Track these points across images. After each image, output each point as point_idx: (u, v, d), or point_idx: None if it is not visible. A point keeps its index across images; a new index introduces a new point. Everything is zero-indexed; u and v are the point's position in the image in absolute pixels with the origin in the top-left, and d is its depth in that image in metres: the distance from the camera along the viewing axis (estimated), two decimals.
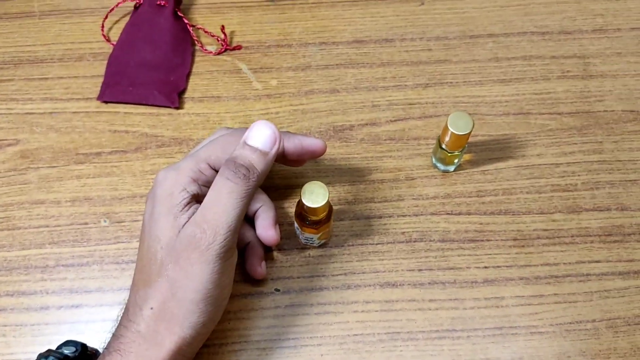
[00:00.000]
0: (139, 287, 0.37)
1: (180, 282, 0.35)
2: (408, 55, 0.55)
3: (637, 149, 0.50)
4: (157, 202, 0.38)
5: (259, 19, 0.57)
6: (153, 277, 0.36)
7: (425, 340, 0.43)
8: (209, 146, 0.40)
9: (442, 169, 0.48)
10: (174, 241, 0.36)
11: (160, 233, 0.36)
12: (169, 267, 0.36)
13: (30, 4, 0.58)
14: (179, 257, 0.35)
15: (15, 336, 0.43)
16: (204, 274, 0.35)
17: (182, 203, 0.37)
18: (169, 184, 0.38)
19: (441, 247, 0.46)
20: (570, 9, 0.57)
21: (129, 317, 0.36)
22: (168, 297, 0.36)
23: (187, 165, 0.39)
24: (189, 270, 0.35)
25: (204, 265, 0.35)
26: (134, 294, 0.37)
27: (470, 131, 0.43)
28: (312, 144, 0.41)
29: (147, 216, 0.38)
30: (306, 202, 0.39)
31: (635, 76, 0.53)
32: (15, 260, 0.46)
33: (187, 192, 0.38)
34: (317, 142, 0.42)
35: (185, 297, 0.35)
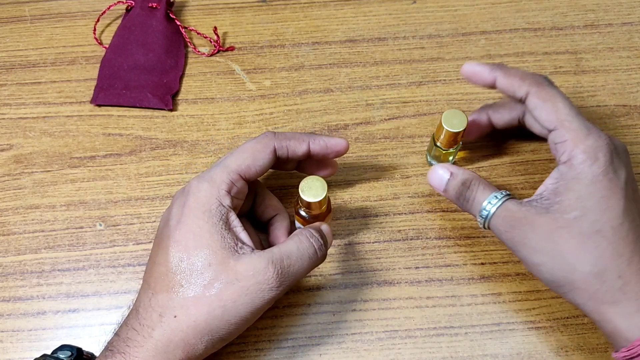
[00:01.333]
0: (158, 292, 0.36)
1: (228, 305, 0.35)
2: (401, 54, 0.55)
3: (631, 143, 0.50)
4: (192, 214, 0.37)
5: (251, 19, 0.57)
6: (188, 288, 0.36)
7: (423, 337, 0.43)
8: (239, 155, 0.39)
9: None
10: (228, 260, 0.36)
11: (208, 250, 0.36)
12: (219, 286, 0.35)
13: (22, 9, 0.57)
14: (235, 281, 0.35)
15: (12, 342, 0.43)
16: (254, 306, 0.36)
17: (224, 219, 0.37)
18: (204, 197, 0.37)
19: (437, 244, 0.46)
20: (562, 5, 0.57)
21: (141, 321, 0.36)
22: (202, 312, 0.35)
23: (219, 177, 0.38)
24: (242, 299, 0.36)
25: (259, 301, 0.36)
26: (148, 298, 0.36)
27: (464, 129, 0.43)
28: (337, 143, 0.42)
29: (175, 224, 0.37)
30: (305, 197, 0.39)
31: (628, 71, 0.53)
32: (11, 266, 0.46)
33: (223, 206, 0.38)
34: (341, 142, 0.43)
35: (224, 319, 0.36)
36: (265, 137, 0.41)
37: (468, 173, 0.41)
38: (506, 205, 0.38)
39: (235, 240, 0.37)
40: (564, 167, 0.37)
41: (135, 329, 0.36)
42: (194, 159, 0.50)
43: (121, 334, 0.36)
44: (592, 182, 0.36)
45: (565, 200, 0.36)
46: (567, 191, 0.36)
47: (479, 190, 0.40)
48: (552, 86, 0.39)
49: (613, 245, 0.35)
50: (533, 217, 0.37)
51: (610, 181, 0.36)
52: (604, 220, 0.35)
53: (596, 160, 0.36)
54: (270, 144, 0.40)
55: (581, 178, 0.36)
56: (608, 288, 0.35)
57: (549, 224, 0.36)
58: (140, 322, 0.36)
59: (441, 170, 0.42)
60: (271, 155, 0.40)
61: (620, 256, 0.35)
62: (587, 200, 0.36)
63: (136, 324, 0.36)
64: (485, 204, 0.39)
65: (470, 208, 0.41)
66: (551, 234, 0.36)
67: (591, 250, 0.35)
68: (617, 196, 0.36)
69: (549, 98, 0.38)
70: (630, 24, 0.56)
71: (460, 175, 0.41)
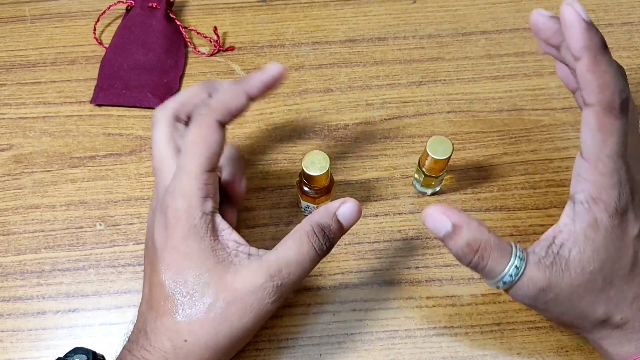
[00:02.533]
0: (161, 315, 0.35)
1: (235, 324, 0.35)
2: (401, 54, 0.55)
3: None
4: (178, 234, 0.35)
5: (251, 19, 0.57)
6: (191, 311, 0.35)
7: (423, 337, 0.43)
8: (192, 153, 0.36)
9: (430, 192, 0.48)
10: (225, 276, 0.35)
11: (202, 269, 0.35)
12: (222, 306, 0.35)
13: (22, 8, 0.57)
14: (236, 300, 0.35)
15: (12, 342, 0.43)
16: (259, 318, 0.36)
17: (210, 229, 0.36)
18: (184, 214, 0.35)
19: (438, 244, 0.46)
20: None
21: (153, 344, 0.35)
22: (211, 334, 0.35)
23: (189, 187, 0.36)
24: (247, 316, 0.35)
25: (263, 313, 0.35)
26: (153, 319, 0.36)
27: (449, 156, 0.42)
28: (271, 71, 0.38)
29: (162, 246, 0.36)
30: (310, 172, 0.40)
31: (628, 71, 0.53)
32: (11, 266, 0.46)
33: (206, 214, 0.36)
34: (274, 67, 0.38)
35: (233, 336, 0.35)
36: (201, 117, 0.37)
37: (476, 229, 0.34)
38: (529, 274, 0.34)
39: (227, 250, 0.36)
40: (581, 209, 0.34)
41: (147, 349, 0.35)
42: None
43: (135, 353, 0.36)
44: (608, 232, 0.34)
45: (585, 252, 0.34)
46: (585, 239, 0.34)
47: (492, 259, 0.34)
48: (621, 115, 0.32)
49: (621, 293, 0.35)
50: (556, 281, 0.34)
51: (623, 230, 0.34)
52: (615, 271, 0.34)
53: (616, 212, 0.33)
54: (212, 122, 0.37)
55: (599, 226, 0.33)
56: (609, 327, 0.35)
57: (569, 284, 0.34)
58: (152, 344, 0.35)
59: (441, 216, 0.35)
60: (221, 131, 0.37)
61: (625, 300, 0.35)
62: (603, 252, 0.34)
63: (148, 346, 0.35)
64: (504, 276, 0.34)
65: (479, 272, 0.35)
66: (570, 295, 0.34)
67: (603, 303, 0.35)
68: (629, 245, 0.34)
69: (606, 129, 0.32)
70: (630, 24, 0.56)
71: (466, 234, 0.34)
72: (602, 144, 0.32)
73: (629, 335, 0.35)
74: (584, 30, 0.30)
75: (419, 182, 0.46)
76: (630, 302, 0.35)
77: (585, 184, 0.33)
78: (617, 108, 0.31)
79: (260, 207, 0.47)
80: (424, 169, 0.45)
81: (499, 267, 0.34)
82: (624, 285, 0.35)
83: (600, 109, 0.31)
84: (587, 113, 0.32)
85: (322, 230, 0.36)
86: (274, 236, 0.46)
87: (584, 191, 0.33)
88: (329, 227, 0.37)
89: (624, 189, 0.33)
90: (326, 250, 0.37)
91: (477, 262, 0.34)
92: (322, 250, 0.37)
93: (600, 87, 0.31)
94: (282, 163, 0.50)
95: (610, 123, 0.32)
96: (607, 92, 0.31)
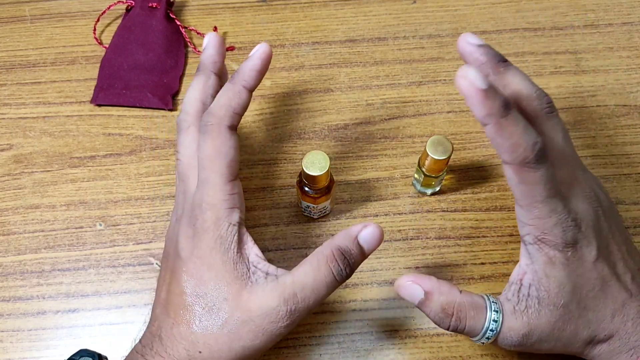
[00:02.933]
0: (178, 323, 0.35)
1: (247, 344, 0.35)
2: (401, 54, 0.55)
3: (631, 143, 0.50)
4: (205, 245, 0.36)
5: (251, 19, 0.57)
6: (207, 324, 0.35)
7: (423, 337, 0.43)
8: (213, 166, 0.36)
9: (430, 192, 0.48)
10: (242, 293, 0.35)
11: (222, 283, 0.35)
12: (235, 324, 0.35)
13: (22, 8, 0.57)
14: (250, 321, 0.35)
15: (12, 342, 0.43)
16: (271, 340, 0.35)
17: (235, 240, 0.36)
18: (212, 225, 0.36)
19: (437, 244, 0.46)
20: (562, 5, 0.57)
21: (167, 350, 0.35)
22: (224, 350, 0.35)
23: (216, 199, 0.36)
24: (260, 338, 0.35)
25: (275, 337, 0.35)
26: (169, 326, 0.36)
27: (449, 156, 0.42)
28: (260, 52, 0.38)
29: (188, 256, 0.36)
30: (311, 172, 0.40)
31: (628, 71, 0.54)
32: (11, 266, 0.46)
33: (233, 225, 0.36)
34: (261, 47, 0.38)
35: (245, 354, 0.35)
36: (211, 128, 0.37)
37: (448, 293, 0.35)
38: (508, 324, 0.35)
39: (247, 264, 0.36)
40: (533, 250, 0.35)
41: (162, 355, 0.35)
42: None
43: (148, 356, 0.36)
44: (565, 266, 0.35)
45: (552, 289, 0.35)
46: (547, 277, 0.35)
47: (469, 319, 0.35)
48: (539, 166, 0.32)
49: (598, 313, 0.36)
50: (535, 323, 0.35)
51: (580, 259, 0.35)
52: (585, 296, 0.35)
53: (566, 246, 0.34)
54: (222, 129, 0.37)
55: (555, 263, 0.35)
56: (598, 344, 0.36)
57: (547, 322, 0.35)
58: (168, 351, 0.35)
59: (414, 285, 0.36)
60: (233, 136, 0.37)
61: (605, 318, 0.36)
62: (568, 285, 0.35)
63: (163, 352, 0.36)
64: (485, 332, 0.35)
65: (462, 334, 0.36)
66: (551, 332, 0.35)
67: (583, 329, 0.36)
68: (591, 269, 0.35)
69: (528, 182, 0.33)
70: (630, 24, 0.56)
71: (438, 298, 0.35)
72: (529, 193, 0.33)
73: (619, 347, 0.36)
74: (483, 99, 0.30)
75: (419, 182, 0.46)
76: (610, 318, 0.36)
77: (528, 227, 0.35)
78: (532, 162, 0.32)
79: (260, 207, 0.47)
80: (424, 169, 0.45)
81: (478, 325, 0.35)
82: (599, 305, 0.36)
83: (517, 167, 0.32)
84: (506, 169, 0.33)
85: (342, 255, 0.35)
86: (274, 236, 0.46)
87: (530, 234, 0.35)
88: (350, 252, 0.35)
89: (566, 223, 0.34)
90: (346, 276, 0.36)
91: (456, 325, 0.35)
92: (341, 277, 0.35)
93: (511, 148, 0.32)
94: (282, 163, 0.50)
95: (531, 176, 0.32)
96: (519, 151, 0.32)
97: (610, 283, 0.36)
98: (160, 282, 0.39)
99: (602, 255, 0.36)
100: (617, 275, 0.36)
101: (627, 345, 0.36)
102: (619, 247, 0.37)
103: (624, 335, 0.36)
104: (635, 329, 0.36)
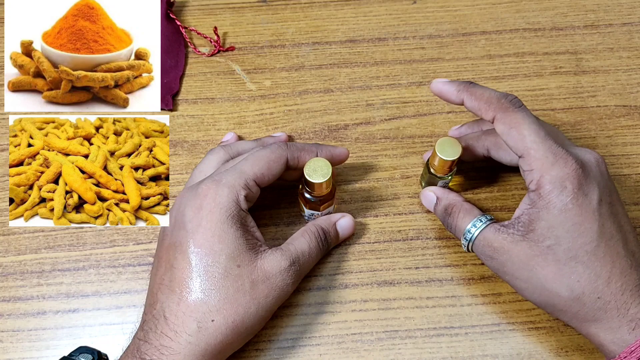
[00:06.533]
0: (186, 297, 0.37)
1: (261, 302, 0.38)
2: (401, 54, 0.55)
3: (631, 143, 0.50)
4: (215, 218, 0.38)
5: (251, 19, 0.57)
6: (221, 291, 0.37)
7: (423, 337, 0.43)
8: (255, 163, 0.41)
9: None
10: (255, 261, 0.39)
11: (235, 252, 0.38)
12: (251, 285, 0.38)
13: None
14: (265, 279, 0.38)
15: (12, 342, 0.43)
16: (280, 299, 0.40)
17: (243, 222, 0.39)
18: (225, 202, 0.39)
19: (438, 244, 0.46)
20: (562, 5, 0.57)
21: (173, 327, 0.36)
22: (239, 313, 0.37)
23: (238, 183, 0.39)
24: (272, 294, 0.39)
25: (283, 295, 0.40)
26: (175, 303, 0.37)
27: (458, 157, 0.42)
28: (340, 153, 0.45)
29: (195, 227, 0.38)
30: (313, 179, 0.40)
31: (628, 71, 0.54)
32: (11, 266, 0.46)
33: (243, 211, 0.39)
34: (344, 151, 0.45)
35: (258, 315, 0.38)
36: (279, 148, 0.42)
37: (451, 198, 0.43)
38: (484, 234, 0.40)
39: (255, 241, 0.40)
40: (534, 195, 0.37)
41: (168, 335, 0.36)
42: (194, 159, 0.50)
43: (152, 341, 0.36)
44: (562, 211, 0.36)
45: (538, 229, 0.37)
46: (538, 220, 0.37)
47: (459, 218, 0.41)
48: (519, 109, 0.38)
49: (590, 269, 0.36)
50: (509, 245, 0.38)
51: (580, 207, 0.36)
52: (577, 247, 0.36)
53: (564, 189, 0.36)
54: (283, 155, 0.42)
55: (550, 208, 0.36)
56: (588, 309, 0.36)
57: (525, 252, 0.37)
58: (173, 328, 0.36)
59: (430, 193, 0.45)
60: (284, 166, 0.42)
61: (598, 278, 0.36)
62: (559, 228, 0.36)
63: (169, 331, 0.36)
64: (465, 232, 0.41)
65: (454, 233, 0.43)
66: (528, 262, 0.37)
67: (568, 276, 0.36)
68: (590, 220, 0.36)
69: (514, 124, 0.38)
70: (630, 24, 0.56)
71: (444, 201, 0.43)
72: (520, 136, 0.37)
73: (617, 319, 0.36)
74: (449, 84, 0.40)
75: (424, 180, 0.47)
76: (606, 282, 0.36)
77: (531, 174, 0.37)
78: (511, 104, 0.38)
79: (260, 207, 0.47)
80: (433, 170, 0.45)
81: (464, 224, 0.41)
82: (593, 262, 0.36)
83: (501, 114, 0.38)
84: (496, 125, 0.38)
85: (324, 233, 0.43)
86: (274, 236, 0.46)
87: (532, 180, 0.37)
88: (329, 232, 0.44)
89: (566, 162, 0.36)
90: (326, 249, 0.44)
91: (450, 222, 0.42)
92: (324, 248, 0.43)
93: (488, 101, 0.39)
94: None
95: (515, 116, 0.38)
96: (495, 101, 0.38)
97: (611, 244, 0.36)
98: (156, 265, 0.40)
99: (605, 208, 0.36)
100: (624, 240, 0.37)
101: (626, 317, 0.36)
102: (624, 213, 0.38)
103: (621, 305, 0.36)
104: (634, 300, 0.36)
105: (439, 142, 0.43)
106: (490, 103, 0.38)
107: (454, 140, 0.43)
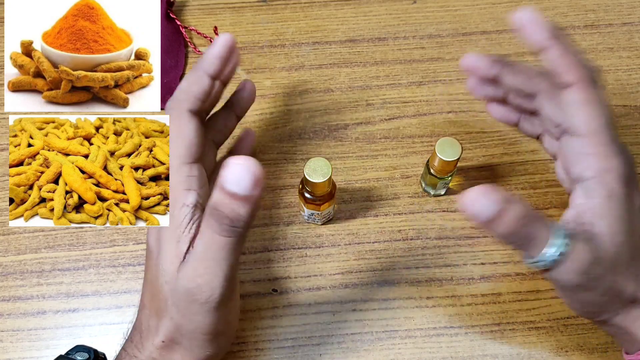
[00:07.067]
0: (152, 314, 0.36)
1: (185, 327, 0.35)
2: (401, 54, 0.55)
3: (631, 143, 0.50)
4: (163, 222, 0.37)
5: (251, 19, 0.57)
6: (162, 311, 0.35)
7: (423, 337, 0.43)
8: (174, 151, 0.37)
9: (433, 194, 0.48)
10: (175, 280, 0.34)
11: (164, 264, 0.35)
12: (173, 309, 0.35)
13: None
14: (179, 303, 0.34)
15: (12, 341, 0.43)
16: (206, 321, 0.35)
17: (184, 222, 0.35)
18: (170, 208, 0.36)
19: (437, 244, 0.46)
20: (562, 5, 0.57)
21: (143, 342, 0.36)
22: (177, 336, 0.35)
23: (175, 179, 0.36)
24: (192, 318, 0.35)
25: (206, 315, 0.34)
26: (147, 318, 0.37)
27: (458, 157, 0.43)
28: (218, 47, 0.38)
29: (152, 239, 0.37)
30: (312, 179, 0.40)
31: (628, 71, 0.53)
32: (11, 265, 0.46)
33: (186, 207, 0.35)
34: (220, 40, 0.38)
35: (193, 337, 0.35)
36: (171, 112, 0.38)
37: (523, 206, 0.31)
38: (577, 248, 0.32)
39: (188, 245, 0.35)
40: (594, 183, 0.33)
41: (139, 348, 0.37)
42: None
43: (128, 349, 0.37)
44: (622, 203, 0.33)
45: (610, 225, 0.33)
46: (609, 211, 0.33)
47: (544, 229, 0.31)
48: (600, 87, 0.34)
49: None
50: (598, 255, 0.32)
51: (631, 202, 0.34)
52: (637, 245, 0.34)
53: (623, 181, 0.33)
54: (181, 113, 0.38)
55: (613, 197, 0.33)
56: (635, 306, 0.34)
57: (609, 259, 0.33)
58: (143, 343, 0.37)
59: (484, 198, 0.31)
60: (194, 120, 0.38)
61: None
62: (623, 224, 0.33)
63: (138, 343, 0.37)
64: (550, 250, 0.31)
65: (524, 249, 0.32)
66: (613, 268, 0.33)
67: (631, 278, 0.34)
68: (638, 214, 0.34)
69: (592, 100, 0.33)
70: (630, 24, 0.56)
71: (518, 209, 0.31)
72: (591, 115, 0.33)
73: None
74: (545, 24, 0.34)
75: (425, 180, 0.47)
76: None
77: (589, 159, 0.33)
78: (593, 79, 0.34)
79: (260, 207, 0.47)
80: (433, 171, 0.45)
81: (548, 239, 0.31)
82: None
83: (582, 84, 0.33)
84: (571, 92, 0.34)
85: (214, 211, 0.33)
86: (274, 236, 0.46)
87: (591, 167, 0.33)
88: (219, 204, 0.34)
89: (624, 156, 0.34)
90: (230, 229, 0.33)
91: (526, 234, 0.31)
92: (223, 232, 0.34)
93: (576, 65, 0.34)
94: (282, 163, 0.50)
95: (593, 93, 0.34)
96: (582, 69, 0.34)
97: None
98: None
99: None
100: None
101: None
102: None
103: None
104: None
105: (439, 143, 0.43)
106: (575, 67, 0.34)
107: (454, 141, 0.43)
